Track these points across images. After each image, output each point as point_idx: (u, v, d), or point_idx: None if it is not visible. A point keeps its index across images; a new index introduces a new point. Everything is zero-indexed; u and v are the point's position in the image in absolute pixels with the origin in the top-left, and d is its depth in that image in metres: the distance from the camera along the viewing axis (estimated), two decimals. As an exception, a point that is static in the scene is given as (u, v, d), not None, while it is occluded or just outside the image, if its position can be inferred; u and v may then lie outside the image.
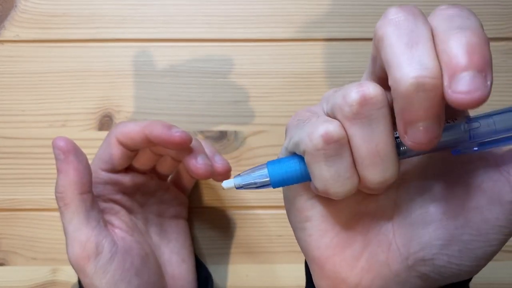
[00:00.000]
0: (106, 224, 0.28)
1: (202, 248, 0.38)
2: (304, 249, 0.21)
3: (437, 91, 0.15)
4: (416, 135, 0.16)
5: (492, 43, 0.38)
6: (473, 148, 0.18)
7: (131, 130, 0.28)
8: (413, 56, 0.16)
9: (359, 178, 0.18)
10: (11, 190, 0.37)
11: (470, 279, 0.23)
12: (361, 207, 0.21)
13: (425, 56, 0.16)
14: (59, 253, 0.37)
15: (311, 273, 0.22)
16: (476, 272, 0.19)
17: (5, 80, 0.38)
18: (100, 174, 0.30)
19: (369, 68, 0.19)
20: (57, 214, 0.37)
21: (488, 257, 0.19)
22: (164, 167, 0.33)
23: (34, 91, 0.38)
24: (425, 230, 0.19)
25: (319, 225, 0.20)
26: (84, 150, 0.38)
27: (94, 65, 0.38)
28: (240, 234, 0.38)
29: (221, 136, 0.38)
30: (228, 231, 0.38)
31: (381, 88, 0.17)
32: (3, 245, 0.37)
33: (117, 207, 0.30)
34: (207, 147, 0.31)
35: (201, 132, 0.38)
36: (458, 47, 0.15)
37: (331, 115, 0.18)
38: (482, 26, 0.17)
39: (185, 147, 0.28)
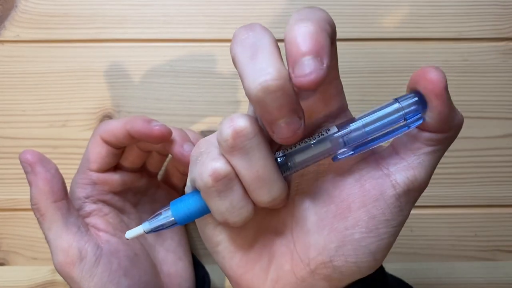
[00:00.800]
0: (88, 228, 0.28)
1: (199, 248, 0.38)
2: (222, 270, 0.23)
3: (283, 90, 0.17)
4: (281, 131, 0.18)
5: (492, 43, 0.38)
6: (349, 152, 0.19)
7: (113, 127, 0.29)
8: (255, 65, 0.17)
9: (254, 204, 0.20)
10: (11, 190, 0.37)
11: (384, 272, 0.24)
12: (263, 224, 0.22)
13: (265, 63, 0.17)
14: (59, 253, 0.37)
15: None
16: (376, 266, 0.21)
17: (5, 80, 0.38)
18: (88, 175, 0.30)
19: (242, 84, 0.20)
20: (57, 214, 0.37)
21: (382, 251, 0.20)
22: (152, 163, 0.33)
23: (34, 91, 0.38)
24: (320, 235, 0.21)
25: (228, 247, 0.22)
26: (84, 150, 0.38)
27: (94, 65, 0.38)
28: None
29: (221, 136, 0.38)
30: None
31: (251, 118, 0.19)
32: (3, 245, 0.37)
33: (106, 209, 0.30)
34: (191, 134, 0.31)
35: (201, 132, 0.38)
36: (296, 37, 0.17)
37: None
38: (327, 19, 0.18)
39: (165, 140, 0.28)
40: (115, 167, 0.31)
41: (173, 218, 0.21)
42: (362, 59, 0.38)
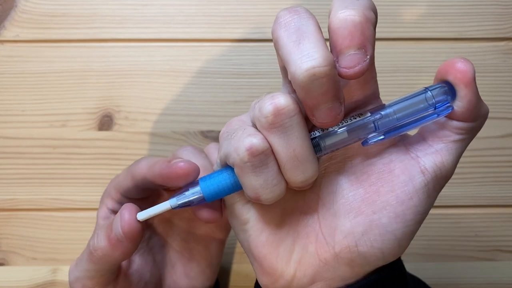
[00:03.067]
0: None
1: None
2: (246, 249, 0.23)
3: (329, 76, 0.17)
4: (322, 116, 0.18)
5: (492, 43, 0.38)
6: (380, 137, 0.20)
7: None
8: (301, 51, 0.17)
9: (286, 182, 0.20)
10: (11, 190, 0.37)
11: (402, 264, 0.24)
12: (290, 204, 0.22)
13: (312, 48, 0.17)
14: (59, 253, 0.37)
15: (254, 271, 0.23)
16: (400, 254, 0.21)
17: (5, 80, 0.38)
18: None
19: (283, 74, 0.20)
20: (57, 214, 0.37)
21: (407, 238, 0.20)
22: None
23: (34, 91, 0.38)
24: (346, 219, 0.21)
25: (256, 225, 0.22)
26: (84, 150, 0.38)
27: (94, 65, 0.38)
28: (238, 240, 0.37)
29: (221, 136, 0.38)
30: (230, 231, 0.38)
31: (292, 97, 0.19)
32: (3, 245, 0.37)
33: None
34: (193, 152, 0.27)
35: (201, 132, 0.38)
36: (341, 26, 0.18)
37: (255, 126, 0.20)
38: (370, 5, 0.19)
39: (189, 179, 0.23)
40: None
41: (201, 195, 0.21)
42: (362, 59, 0.38)
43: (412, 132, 0.21)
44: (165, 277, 0.29)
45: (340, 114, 0.19)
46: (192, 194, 0.21)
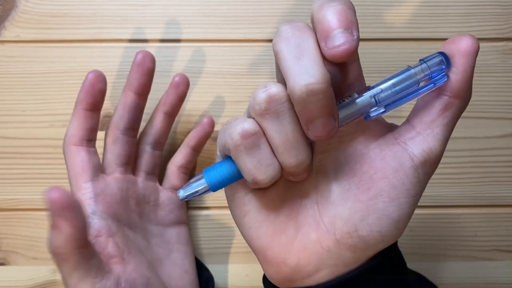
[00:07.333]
0: (107, 264, 0.27)
1: (202, 248, 0.38)
2: (248, 242, 0.24)
3: (325, 92, 0.18)
4: (316, 130, 0.20)
5: (492, 43, 0.38)
6: (381, 110, 0.21)
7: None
8: (300, 67, 0.19)
9: (280, 165, 0.21)
10: (11, 190, 0.38)
11: (399, 250, 0.25)
12: (288, 195, 0.23)
13: (311, 65, 0.18)
14: (59, 253, 0.37)
15: (260, 264, 0.24)
16: (398, 236, 0.22)
17: (5, 80, 0.38)
18: (85, 189, 0.29)
19: (277, 74, 0.22)
20: (57, 214, 0.37)
21: (404, 220, 0.22)
22: (146, 162, 0.34)
23: (34, 91, 0.38)
24: (344, 207, 0.22)
25: (256, 217, 0.23)
26: (84, 150, 0.37)
27: (94, 65, 0.38)
28: (240, 234, 0.38)
29: (221, 136, 0.38)
30: (228, 231, 0.38)
31: (283, 86, 0.20)
32: (3, 245, 0.37)
33: (114, 226, 0.29)
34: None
35: (201, 132, 0.38)
36: (326, 14, 0.19)
37: (249, 116, 0.21)
38: (350, 2, 0.20)
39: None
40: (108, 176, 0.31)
41: (206, 185, 0.22)
42: (362, 59, 0.38)
43: (400, 120, 0.22)
44: (161, 273, 0.32)
45: (334, 130, 0.20)
46: (197, 185, 0.22)
